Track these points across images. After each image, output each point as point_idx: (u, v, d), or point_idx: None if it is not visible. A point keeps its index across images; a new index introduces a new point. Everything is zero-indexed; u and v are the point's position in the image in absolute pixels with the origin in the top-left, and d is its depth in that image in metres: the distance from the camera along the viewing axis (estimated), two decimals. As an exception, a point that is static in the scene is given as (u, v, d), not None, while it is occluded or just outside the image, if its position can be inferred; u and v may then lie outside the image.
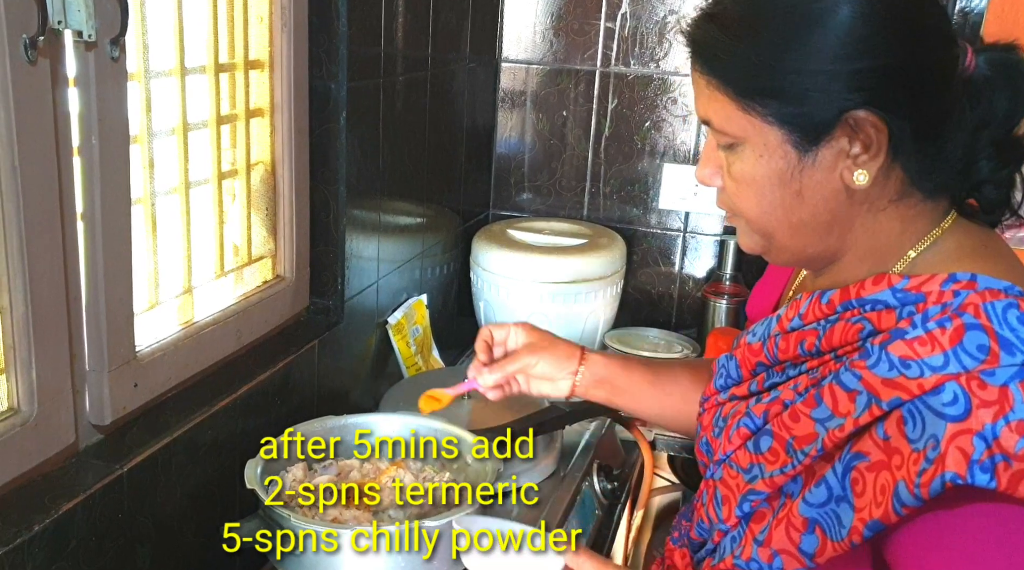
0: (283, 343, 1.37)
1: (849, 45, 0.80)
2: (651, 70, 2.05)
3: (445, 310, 1.98)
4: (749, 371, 0.99)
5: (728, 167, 0.90)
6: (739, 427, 0.94)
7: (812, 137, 0.83)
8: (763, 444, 0.90)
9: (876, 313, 0.83)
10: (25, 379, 0.94)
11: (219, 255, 1.27)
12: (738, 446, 0.94)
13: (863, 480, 0.79)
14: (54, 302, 0.95)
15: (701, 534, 1.01)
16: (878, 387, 0.78)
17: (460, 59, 1.89)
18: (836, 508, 0.81)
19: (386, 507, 1.15)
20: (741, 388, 0.99)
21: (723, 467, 0.96)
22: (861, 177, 0.83)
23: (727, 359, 1.03)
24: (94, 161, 0.97)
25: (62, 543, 0.95)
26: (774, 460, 0.89)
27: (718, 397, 1.03)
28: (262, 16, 1.28)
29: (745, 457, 0.93)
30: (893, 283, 0.83)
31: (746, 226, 0.93)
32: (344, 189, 1.42)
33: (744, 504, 0.92)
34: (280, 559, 1.10)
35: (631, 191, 2.13)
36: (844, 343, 0.85)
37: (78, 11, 0.90)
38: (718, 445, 0.99)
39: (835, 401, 0.82)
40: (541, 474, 1.48)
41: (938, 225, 0.88)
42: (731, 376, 1.01)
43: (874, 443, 0.78)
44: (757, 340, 0.98)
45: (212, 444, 1.18)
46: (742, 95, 0.84)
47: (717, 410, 1.03)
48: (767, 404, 0.92)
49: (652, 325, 2.06)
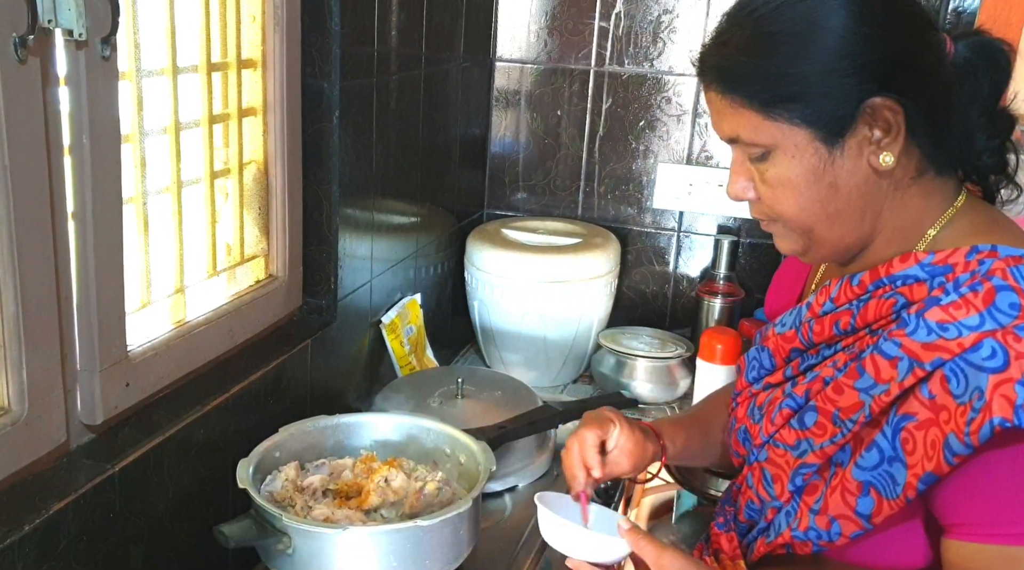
0: (276, 342, 1.37)
1: (853, 42, 0.88)
2: (645, 69, 2.05)
3: (439, 309, 1.98)
4: (783, 359, 1.06)
5: (761, 176, 0.96)
6: (781, 409, 1.01)
7: (837, 130, 0.91)
8: (808, 420, 0.97)
9: (908, 287, 0.91)
10: (16, 379, 0.94)
11: (211, 254, 1.27)
12: (781, 426, 1.01)
13: (912, 439, 0.86)
14: (45, 301, 0.95)
15: (751, 516, 1.08)
16: (918, 351, 0.86)
17: (454, 58, 1.89)
18: (889, 468, 0.89)
19: (378, 507, 1.15)
20: (775, 376, 1.07)
21: (767, 448, 1.03)
22: (887, 158, 0.91)
23: (758, 351, 1.10)
24: (85, 160, 0.97)
25: (53, 543, 0.94)
26: (821, 433, 0.95)
27: (751, 389, 1.11)
28: (255, 15, 1.27)
29: (791, 435, 0.99)
30: (920, 259, 0.92)
31: (784, 228, 1.00)
32: (337, 188, 1.42)
33: (796, 478, 0.99)
34: (272, 559, 1.10)
35: (625, 190, 2.13)
36: (878, 317, 0.93)
37: (68, 10, 0.90)
38: (758, 430, 1.05)
39: (877, 369, 0.89)
40: (534, 474, 1.48)
41: (951, 204, 0.97)
42: (764, 367, 1.09)
43: (920, 403, 0.86)
44: (788, 328, 1.05)
45: (204, 444, 1.18)
46: (767, 105, 0.92)
47: (751, 401, 1.10)
48: (808, 384, 0.99)
49: (646, 324, 2.06)
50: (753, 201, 1.00)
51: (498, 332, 1.93)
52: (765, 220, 1.01)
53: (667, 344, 1.96)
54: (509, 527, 1.36)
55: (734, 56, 0.93)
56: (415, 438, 1.31)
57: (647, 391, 1.86)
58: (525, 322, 1.88)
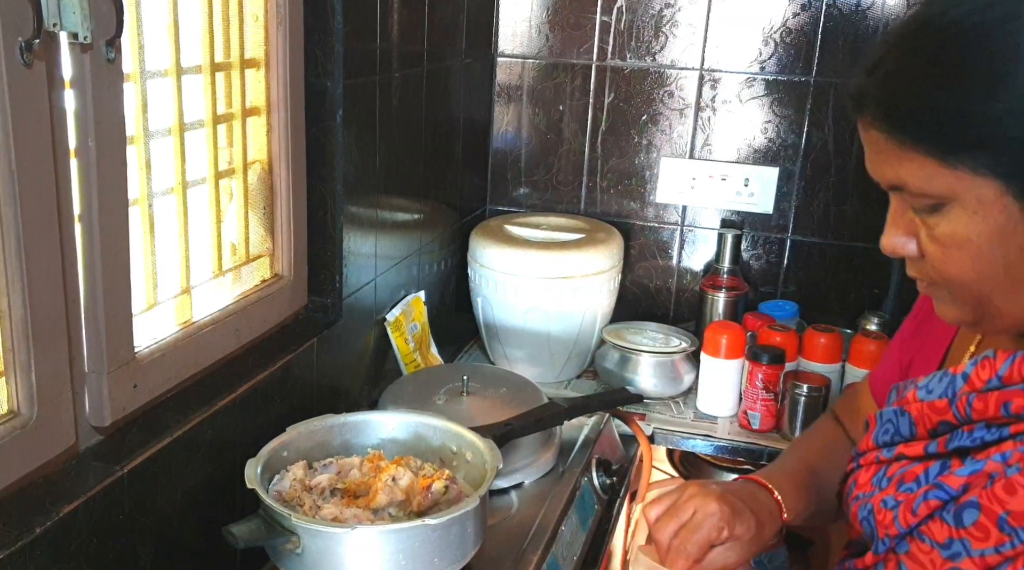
0: (282, 342, 1.37)
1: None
2: (647, 63, 2.04)
3: (443, 306, 1.98)
4: (927, 430, 0.91)
5: (930, 232, 0.81)
6: (926, 499, 0.87)
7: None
8: (966, 518, 0.83)
9: None
10: (25, 382, 0.94)
11: (217, 254, 1.27)
12: (925, 517, 0.87)
13: None
14: (53, 304, 0.95)
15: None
16: None
17: (456, 54, 1.89)
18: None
19: (386, 506, 1.15)
20: (913, 447, 0.92)
21: (909, 541, 0.89)
22: None
23: (896, 414, 0.95)
24: (91, 163, 0.97)
25: (63, 545, 0.95)
26: (983, 537, 0.81)
27: (880, 454, 0.96)
28: (257, 15, 1.27)
29: (941, 531, 0.86)
30: None
31: (950, 295, 0.85)
32: (341, 187, 1.42)
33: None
34: (281, 558, 1.10)
35: (628, 185, 2.13)
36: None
37: (73, 13, 0.90)
38: (890, 518, 0.91)
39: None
40: (540, 470, 1.48)
41: None
42: (900, 433, 0.94)
43: None
44: (937, 397, 0.90)
45: (212, 444, 1.18)
46: (946, 152, 0.76)
47: (880, 469, 0.96)
48: (967, 476, 0.84)
49: (650, 319, 2.06)
50: (914, 259, 0.84)
51: (502, 328, 1.93)
52: (926, 282, 0.85)
53: (671, 339, 1.96)
54: (516, 524, 1.36)
55: (905, 90, 0.77)
56: (421, 436, 1.31)
57: (651, 386, 1.86)
58: (529, 318, 1.89)
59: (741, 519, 0.97)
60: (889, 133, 0.79)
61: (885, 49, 0.81)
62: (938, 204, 0.79)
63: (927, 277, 0.85)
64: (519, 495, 1.44)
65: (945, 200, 0.78)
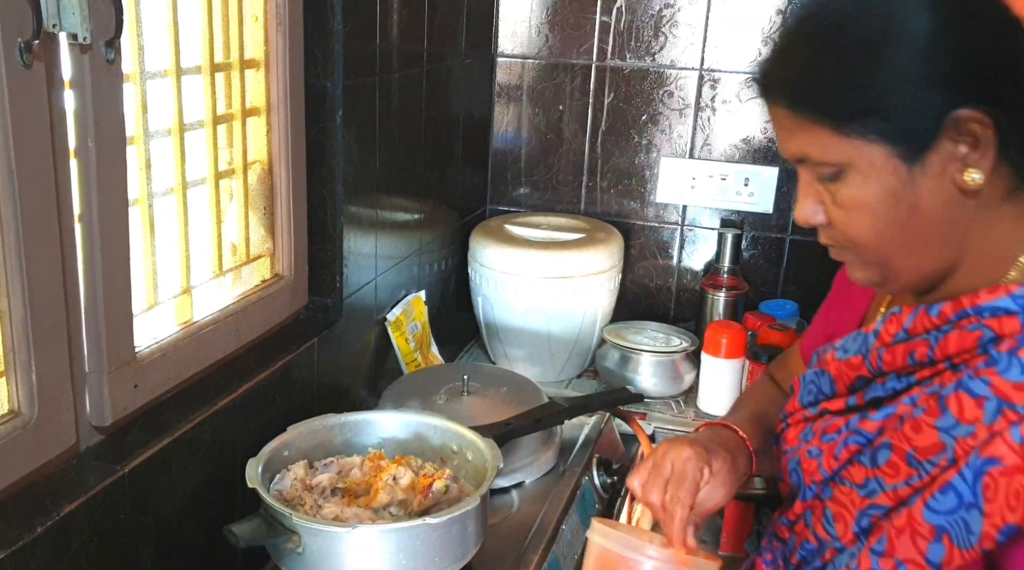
0: (282, 341, 1.38)
1: (936, 48, 0.80)
2: (647, 63, 2.05)
3: (443, 306, 1.98)
4: (846, 385, 0.98)
5: (833, 198, 0.89)
6: (847, 444, 0.93)
7: (918, 146, 0.83)
8: (880, 458, 0.89)
9: (996, 319, 0.83)
10: (25, 382, 0.94)
11: (217, 255, 1.27)
12: (846, 461, 0.93)
13: (995, 485, 0.79)
14: (53, 305, 0.95)
15: (804, 557, 0.99)
16: (1010, 392, 0.79)
17: (456, 54, 1.89)
18: (965, 515, 0.81)
19: (387, 505, 1.15)
20: (835, 403, 0.98)
21: (831, 485, 0.95)
22: (975, 176, 0.83)
23: (817, 375, 1.02)
24: (91, 163, 0.97)
25: (64, 545, 0.95)
26: (894, 473, 0.88)
27: (805, 413, 1.02)
28: (257, 15, 1.28)
29: (859, 472, 0.92)
30: (1012, 291, 0.83)
31: (857, 257, 0.92)
32: (341, 187, 1.43)
33: (863, 519, 0.91)
34: (282, 558, 1.10)
35: (628, 185, 2.13)
36: (960, 351, 0.85)
37: (73, 14, 0.90)
38: (815, 465, 0.97)
39: (961, 408, 0.82)
40: (541, 469, 1.48)
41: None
42: (822, 391, 1.01)
43: (1008, 447, 0.79)
44: (852, 355, 0.97)
45: (213, 443, 1.18)
46: (840, 120, 0.84)
47: (805, 426, 1.02)
48: (881, 420, 0.91)
49: (650, 318, 2.06)
50: (823, 226, 0.92)
51: (502, 328, 1.93)
52: (836, 247, 0.93)
53: (671, 338, 1.96)
54: (516, 523, 1.36)
55: (801, 69, 0.86)
56: (422, 435, 1.31)
57: (652, 385, 1.86)
58: (529, 318, 1.89)
59: (715, 455, 1.02)
60: (790, 108, 0.87)
61: (784, 35, 0.90)
62: (838, 172, 0.87)
63: (836, 242, 0.92)
64: (520, 494, 1.44)
65: (843, 167, 0.86)
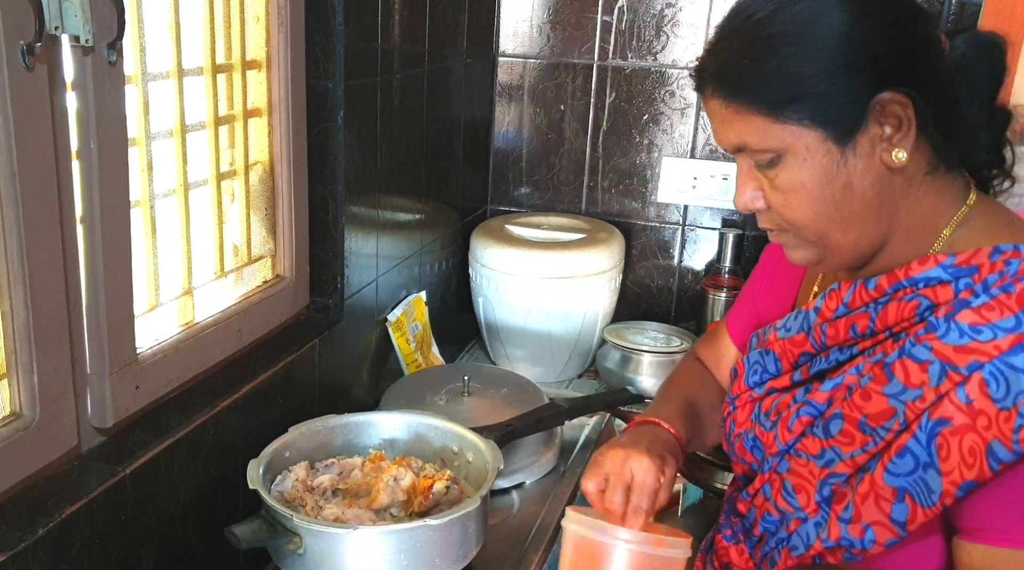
0: (284, 342, 1.38)
1: (857, 37, 0.87)
2: (648, 63, 2.04)
3: (444, 306, 1.98)
4: (790, 363, 1.03)
5: (771, 183, 0.94)
6: (799, 416, 0.98)
7: (848, 129, 0.89)
8: (833, 427, 0.94)
9: (931, 289, 0.89)
10: (27, 384, 0.94)
11: (219, 256, 1.27)
12: (800, 433, 0.98)
13: (948, 445, 0.84)
14: (55, 306, 0.96)
15: (767, 528, 1.04)
16: (951, 355, 0.84)
17: (457, 54, 1.89)
18: (924, 475, 0.87)
19: (387, 506, 1.16)
20: (780, 380, 1.04)
21: (788, 458, 1.00)
22: (900, 154, 0.89)
23: (761, 355, 1.06)
24: (93, 165, 0.98)
25: (66, 546, 0.95)
26: (849, 442, 0.93)
27: (752, 393, 1.07)
28: (258, 16, 1.28)
29: (814, 443, 0.96)
30: (940, 261, 0.90)
31: (796, 238, 0.97)
32: (342, 187, 1.43)
33: (824, 489, 0.96)
34: (283, 559, 1.10)
35: (629, 185, 2.13)
36: (900, 320, 0.91)
37: (75, 16, 0.90)
38: (771, 438, 1.02)
39: (907, 374, 0.87)
40: (542, 470, 1.48)
41: (964, 202, 0.95)
42: (768, 371, 1.05)
43: (956, 408, 0.84)
44: (795, 333, 1.03)
45: (214, 444, 1.18)
46: (774, 108, 0.89)
47: (754, 405, 1.06)
48: (830, 391, 0.96)
49: (651, 319, 2.07)
50: (763, 211, 0.97)
51: (503, 328, 1.93)
52: (775, 230, 0.98)
53: (672, 338, 1.96)
54: (517, 524, 1.37)
55: (736, 60, 0.91)
56: (423, 436, 1.32)
57: (652, 385, 1.86)
58: (530, 318, 1.89)
59: (667, 463, 1.05)
60: (727, 99, 0.93)
61: (718, 33, 0.95)
62: (775, 157, 0.92)
63: (775, 225, 0.97)
64: (520, 495, 1.44)
65: (780, 152, 0.91)
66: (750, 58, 0.90)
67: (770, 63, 0.89)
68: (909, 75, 0.88)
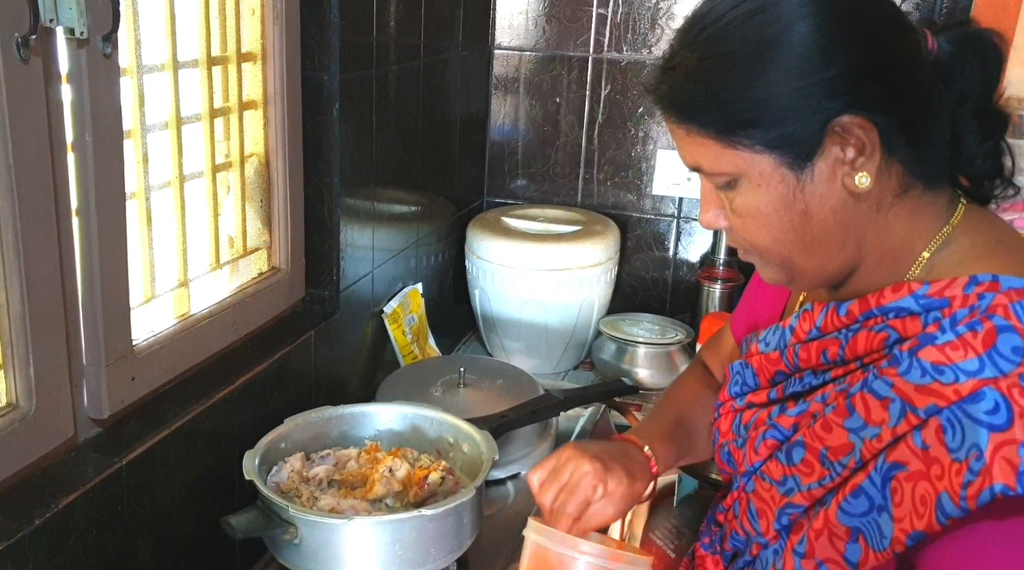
0: (279, 334, 1.38)
1: (813, 58, 0.80)
2: (644, 56, 2.05)
3: (440, 298, 1.99)
4: (767, 379, 0.99)
5: (730, 205, 0.89)
6: (765, 439, 0.94)
7: (804, 154, 0.83)
8: (795, 455, 0.90)
9: (900, 320, 0.83)
10: (23, 375, 0.95)
11: (214, 248, 1.28)
12: (766, 457, 0.94)
13: (901, 490, 0.79)
14: (50, 298, 0.96)
15: (735, 546, 1.01)
16: (911, 394, 0.78)
17: (453, 47, 1.89)
18: (877, 518, 0.81)
19: (383, 497, 1.16)
20: (759, 395, 1.00)
21: (754, 479, 0.96)
22: (863, 179, 0.83)
23: (742, 366, 1.03)
24: (88, 157, 0.98)
25: (62, 536, 0.96)
26: (809, 472, 0.88)
27: (734, 403, 1.04)
28: (254, 8, 1.28)
29: (777, 469, 0.92)
30: (913, 289, 0.83)
31: (761, 259, 0.92)
32: (338, 180, 1.43)
33: (783, 517, 0.91)
34: (279, 549, 1.11)
35: (625, 177, 2.13)
36: (869, 351, 0.85)
37: (69, 9, 0.90)
38: (742, 456, 0.98)
39: (867, 410, 0.82)
40: (537, 461, 1.48)
41: (948, 222, 0.88)
42: (747, 383, 1.02)
43: (912, 452, 0.78)
44: (772, 349, 0.98)
45: (210, 436, 1.19)
46: (724, 133, 0.84)
47: (735, 416, 1.03)
48: (796, 417, 0.91)
49: (646, 311, 2.07)
50: (727, 230, 0.92)
51: (499, 320, 1.94)
52: (741, 250, 0.93)
53: (667, 330, 1.97)
54: (512, 514, 1.38)
55: (683, 83, 0.85)
56: (418, 428, 1.32)
57: (648, 377, 1.87)
58: (526, 310, 1.89)
59: (613, 475, 1.02)
60: (678, 122, 0.87)
61: (671, 47, 0.88)
62: (731, 181, 0.87)
63: (740, 245, 0.93)
64: (515, 486, 1.45)
65: (735, 176, 0.86)
66: (698, 82, 0.84)
67: (719, 87, 0.83)
68: (873, 95, 0.81)
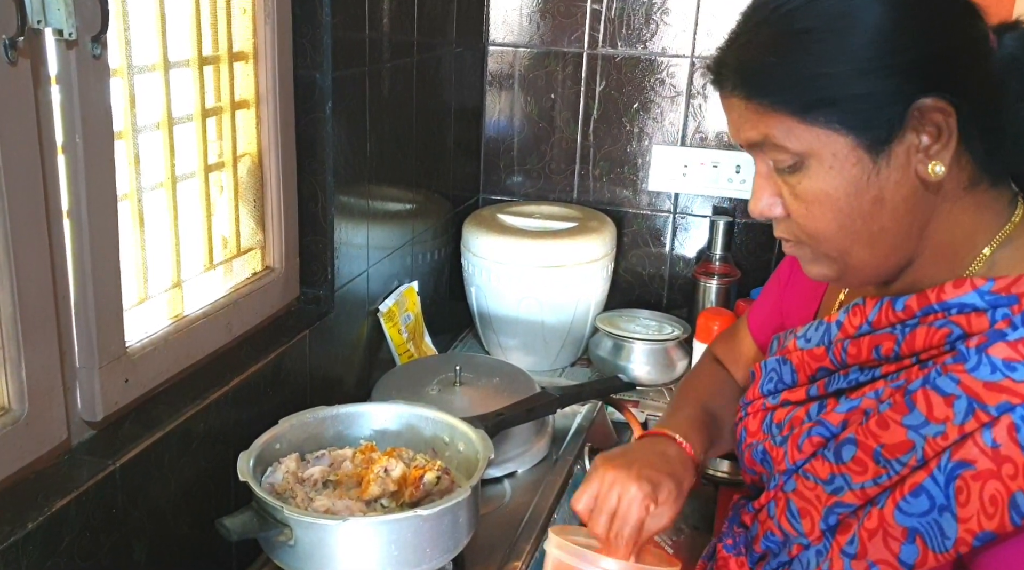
0: (274, 334, 1.38)
1: (896, 37, 0.79)
2: (639, 51, 2.04)
3: (436, 296, 1.98)
4: (807, 376, 0.97)
5: (792, 190, 0.86)
6: (810, 436, 0.92)
7: (882, 136, 0.81)
8: (845, 453, 0.88)
9: (964, 316, 0.81)
10: (15, 378, 0.94)
11: (208, 248, 1.27)
12: (810, 454, 0.92)
13: (968, 489, 0.77)
14: (42, 301, 0.95)
15: (769, 547, 0.98)
16: (980, 391, 0.77)
17: (447, 44, 1.89)
18: (939, 518, 0.79)
19: (378, 497, 1.16)
20: (796, 392, 0.98)
21: (795, 478, 0.94)
22: (938, 168, 0.81)
23: (779, 363, 1.00)
24: (78, 159, 0.97)
25: (56, 540, 0.95)
26: (861, 471, 0.86)
27: (766, 401, 1.02)
28: (245, 7, 1.27)
29: (823, 467, 0.90)
30: (978, 285, 0.81)
31: (813, 253, 0.89)
32: (332, 178, 1.42)
33: (830, 517, 0.89)
34: (274, 550, 1.11)
35: (621, 173, 2.13)
36: (928, 347, 0.83)
37: (58, 10, 0.90)
38: (782, 454, 0.96)
39: (930, 406, 0.80)
40: (533, 459, 1.49)
41: (1009, 220, 0.86)
42: (783, 380, 1.00)
43: (980, 451, 0.76)
44: (815, 345, 0.95)
45: (205, 437, 1.18)
46: (802, 110, 0.82)
47: (766, 415, 1.01)
48: (845, 413, 0.89)
49: (643, 306, 2.07)
50: (780, 219, 0.89)
51: (495, 317, 1.93)
52: (792, 241, 0.90)
53: (664, 326, 1.96)
54: (508, 513, 1.37)
55: (761, 57, 0.83)
56: (414, 427, 1.32)
57: (645, 373, 1.87)
58: (522, 307, 1.89)
59: (661, 488, 1.00)
60: (748, 98, 0.85)
61: (741, 24, 0.87)
62: (797, 162, 0.84)
63: (793, 236, 0.89)
64: (512, 484, 1.44)
65: (804, 157, 0.83)
66: (777, 55, 0.82)
67: (799, 62, 0.81)
68: (953, 79, 0.79)
